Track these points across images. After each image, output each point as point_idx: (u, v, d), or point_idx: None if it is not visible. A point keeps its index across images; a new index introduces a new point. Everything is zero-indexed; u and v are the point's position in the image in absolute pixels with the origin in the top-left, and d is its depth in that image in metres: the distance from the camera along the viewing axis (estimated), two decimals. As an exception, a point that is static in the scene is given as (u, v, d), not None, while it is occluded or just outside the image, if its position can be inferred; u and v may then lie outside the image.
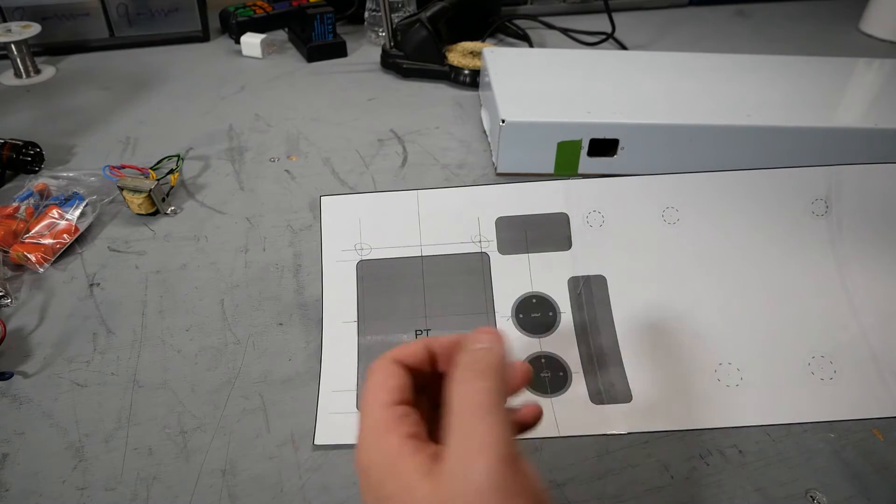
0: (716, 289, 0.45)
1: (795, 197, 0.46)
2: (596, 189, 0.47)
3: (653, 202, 0.46)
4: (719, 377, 0.41)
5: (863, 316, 0.44)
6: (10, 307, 0.47)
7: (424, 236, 0.46)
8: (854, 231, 0.46)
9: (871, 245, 0.46)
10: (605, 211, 0.46)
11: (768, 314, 0.44)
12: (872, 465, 0.37)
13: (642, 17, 1.02)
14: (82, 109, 0.74)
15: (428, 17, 0.80)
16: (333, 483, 0.36)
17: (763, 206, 0.46)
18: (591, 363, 0.42)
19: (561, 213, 0.46)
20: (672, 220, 0.46)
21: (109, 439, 0.38)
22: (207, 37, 0.91)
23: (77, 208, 0.54)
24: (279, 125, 0.71)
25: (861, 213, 0.46)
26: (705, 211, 0.46)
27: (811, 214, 0.46)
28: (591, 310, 0.44)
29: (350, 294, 0.45)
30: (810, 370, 0.42)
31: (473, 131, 0.70)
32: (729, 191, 0.47)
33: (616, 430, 0.39)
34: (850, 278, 0.45)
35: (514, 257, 0.45)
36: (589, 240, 0.46)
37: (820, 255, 0.45)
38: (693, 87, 0.65)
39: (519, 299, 0.44)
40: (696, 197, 0.46)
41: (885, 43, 0.95)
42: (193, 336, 0.45)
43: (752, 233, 0.46)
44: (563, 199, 0.47)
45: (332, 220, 0.47)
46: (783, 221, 0.46)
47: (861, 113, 0.63)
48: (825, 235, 0.46)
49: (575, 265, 0.45)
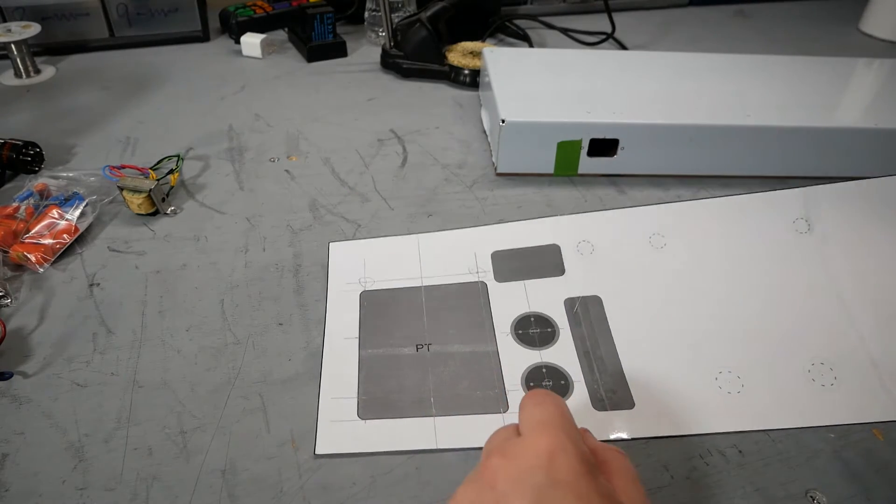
0: (710, 303, 0.46)
1: (776, 217, 0.49)
2: (583, 222, 0.50)
3: (638, 231, 0.49)
4: (720, 384, 0.41)
5: (860, 324, 0.44)
6: (10, 307, 0.47)
7: (425, 270, 0.49)
8: (840, 245, 0.47)
9: (859, 257, 0.46)
10: (594, 240, 0.49)
11: (764, 325, 0.44)
12: (872, 465, 0.37)
13: (642, 17, 1.02)
14: (82, 109, 0.74)
15: (428, 17, 0.80)
16: (333, 483, 0.36)
17: (747, 228, 0.48)
18: (592, 372, 0.42)
19: (552, 245, 0.49)
20: (659, 245, 0.48)
21: (109, 439, 0.38)
22: (207, 37, 0.91)
23: (77, 208, 0.54)
24: (279, 125, 0.71)
25: (844, 228, 0.47)
26: (690, 235, 0.49)
27: (795, 232, 0.48)
28: (589, 326, 0.45)
29: (352, 316, 0.47)
30: (810, 377, 0.42)
31: (473, 131, 0.70)
32: (711, 216, 0.50)
33: (619, 435, 0.39)
34: (843, 289, 0.45)
35: (510, 284, 0.48)
36: (581, 266, 0.48)
37: (810, 268, 0.46)
38: (693, 87, 0.65)
39: (517, 318, 0.46)
40: (680, 224, 0.49)
41: (885, 43, 0.95)
42: (193, 336, 0.45)
43: (739, 251, 0.48)
44: (552, 232, 0.50)
45: (339, 262, 0.51)
46: (768, 239, 0.48)
47: (861, 113, 0.63)
48: (812, 250, 0.47)
49: (570, 288, 0.47)
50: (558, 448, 0.26)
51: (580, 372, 0.42)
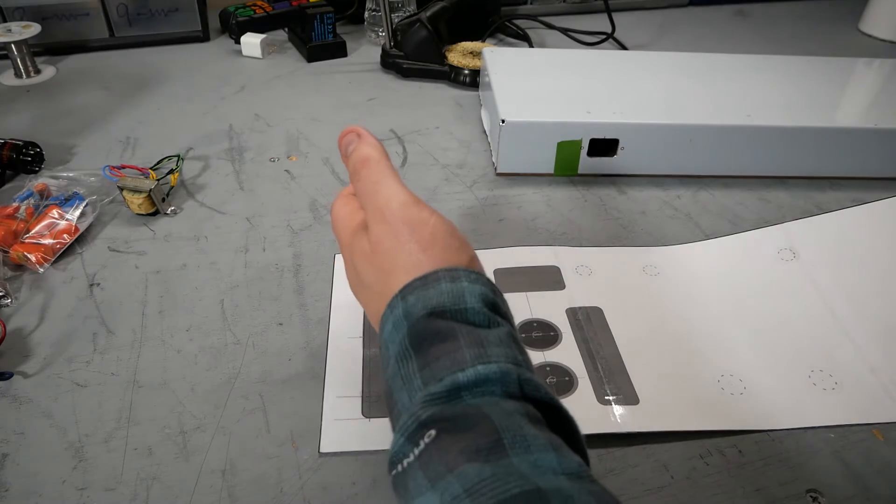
0: (709, 318, 0.47)
1: (762, 250, 0.52)
2: (581, 252, 0.52)
3: (632, 263, 0.52)
4: (722, 387, 0.42)
5: (855, 336, 0.45)
6: (10, 307, 0.47)
7: None
8: (826, 267, 0.49)
9: (845, 277, 0.48)
10: (592, 266, 0.51)
11: (762, 339, 0.45)
12: (872, 465, 0.37)
13: (642, 17, 1.02)
14: (82, 109, 0.74)
15: (428, 17, 0.80)
16: (333, 483, 0.36)
17: (735, 262, 0.51)
18: (597, 370, 0.43)
19: (552, 266, 0.51)
20: (653, 273, 0.51)
21: (109, 439, 0.38)
22: (207, 37, 0.91)
23: (77, 208, 0.54)
24: (279, 125, 0.71)
25: (828, 255, 0.50)
26: (681, 267, 0.51)
27: (781, 261, 0.50)
28: (592, 330, 0.46)
29: (356, 317, 0.47)
30: (811, 381, 0.42)
31: (473, 131, 0.70)
32: (700, 252, 0.52)
33: (624, 429, 0.39)
34: (834, 306, 0.47)
35: (513, 294, 0.48)
36: (581, 283, 0.49)
37: (800, 290, 0.48)
38: (693, 87, 0.65)
39: (520, 324, 0.46)
40: (670, 259, 0.52)
41: (885, 43, 0.95)
42: (193, 336, 0.45)
43: (730, 279, 0.50)
44: (553, 256, 0.52)
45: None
46: (757, 268, 0.50)
47: (861, 113, 0.63)
48: (802, 275, 0.49)
49: (571, 300, 0.48)
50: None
51: (584, 369, 0.43)
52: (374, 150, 0.35)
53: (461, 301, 0.29)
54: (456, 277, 0.30)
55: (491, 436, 0.24)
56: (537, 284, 0.49)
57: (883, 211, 0.52)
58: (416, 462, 0.25)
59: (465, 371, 0.27)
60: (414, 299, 0.29)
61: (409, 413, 0.27)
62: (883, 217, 0.52)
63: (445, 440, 0.25)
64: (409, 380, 0.28)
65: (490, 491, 0.22)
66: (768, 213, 0.58)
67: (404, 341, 0.29)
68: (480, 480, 0.23)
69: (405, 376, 0.28)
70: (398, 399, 0.28)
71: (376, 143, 0.36)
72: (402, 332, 0.29)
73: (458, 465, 0.24)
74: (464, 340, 0.28)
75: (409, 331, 0.29)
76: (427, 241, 0.31)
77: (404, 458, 0.26)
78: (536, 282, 0.49)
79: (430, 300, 0.29)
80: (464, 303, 0.29)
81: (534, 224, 0.56)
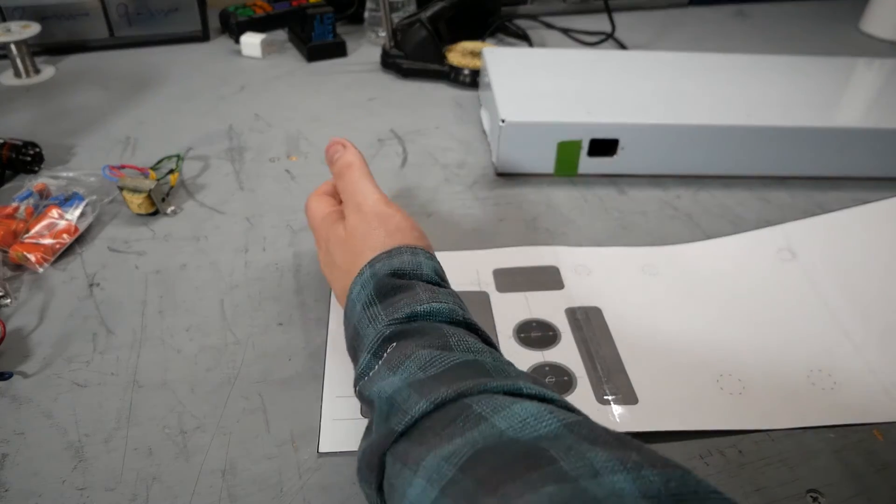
0: (708, 318, 0.47)
1: (761, 250, 0.52)
2: (580, 252, 0.53)
3: (631, 263, 0.52)
4: (722, 386, 0.42)
5: (853, 335, 0.45)
6: (9, 307, 0.47)
7: None
8: (824, 267, 0.49)
9: (843, 277, 0.48)
10: (591, 266, 0.51)
11: (761, 339, 0.45)
12: (872, 465, 0.37)
13: (642, 17, 1.02)
14: (82, 109, 0.74)
15: (428, 17, 0.80)
16: (333, 483, 0.36)
17: (736, 261, 0.52)
18: (595, 370, 0.43)
19: (552, 266, 0.51)
20: (652, 273, 0.51)
21: (109, 439, 0.38)
22: (207, 37, 0.91)
23: (77, 208, 0.54)
24: (279, 125, 0.71)
25: (828, 256, 0.50)
26: (681, 267, 0.51)
27: (781, 261, 0.50)
28: (591, 330, 0.46)
29: None
30: (810, 381, 0.42)
31: (473, 131, 0.70)
32: (700, 252, 0.53)
33: (623, 429, 0.39)
34: (833, 306, 0.47)
35: (511, 294, 0.48)
36: (579, 283, 0.49)
37: (801, 290, 0.48)
38: (693, 87, 0.65)
39: (519, 323, 0.46)
40: (670, 259, 0.52)
41: (885, 43, 0.95)
42: (193, 336, 0.45)
43: (729, 280, 0.50)
44: (552, 256, 0.52)
45: None
46: (756, 268, 0.50)
47: (861, 113, 0.63)
48: (801, 275, 0.49)
49: (570, 300, 0.48)
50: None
51: (583, 368, 0.43)
52: (356, 157, 0.43)
53: (419, 268, 0.37)
54: (415, 252, 0.37)
55: (441, 339, 0.32)
56: (537, 284, 0.49)
57: (883, 211, 0.52)
58: (380, 366, 0.32)
59: (421, 305, 0.34)
60: (380, 266, 0.36)
61: (374, 334, 0.33)
62: (883, 217, 0.52)
63: (403, 343, 0.32)
64: (374, 318, 0.34)
65: (439, 363, 0.30)
66: (769, 213, 0.58)
67: (371, 294, 0.35)
68: (431, 359, 0.30)
69: (371, 316, 0.34)
70: (365, 335, 0.34)
71: (358, 152, 0.44)
72: (369, 289, 0.35)
73: (414, 352, 0.31)
74: (420, 289, 0.35)
75: (375, 286, 0.35)
76: (392, 230, 0.39)
77: (370, 370, 0.32)
78: (536, 281, 0.49)
79: (393, 265, 0.36)
80: (420, 269, 0.37)
81: (533, 224, 0.56)
